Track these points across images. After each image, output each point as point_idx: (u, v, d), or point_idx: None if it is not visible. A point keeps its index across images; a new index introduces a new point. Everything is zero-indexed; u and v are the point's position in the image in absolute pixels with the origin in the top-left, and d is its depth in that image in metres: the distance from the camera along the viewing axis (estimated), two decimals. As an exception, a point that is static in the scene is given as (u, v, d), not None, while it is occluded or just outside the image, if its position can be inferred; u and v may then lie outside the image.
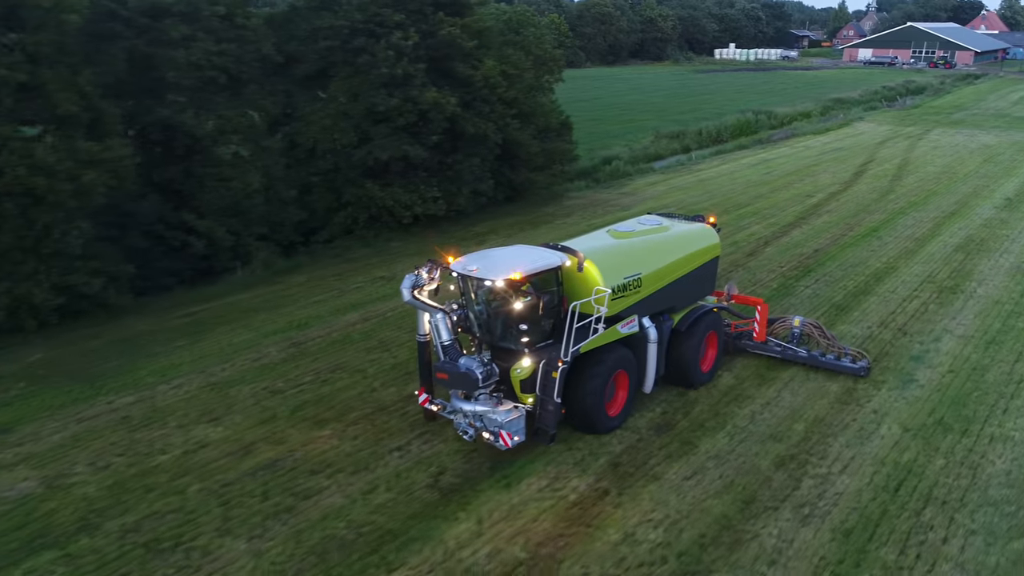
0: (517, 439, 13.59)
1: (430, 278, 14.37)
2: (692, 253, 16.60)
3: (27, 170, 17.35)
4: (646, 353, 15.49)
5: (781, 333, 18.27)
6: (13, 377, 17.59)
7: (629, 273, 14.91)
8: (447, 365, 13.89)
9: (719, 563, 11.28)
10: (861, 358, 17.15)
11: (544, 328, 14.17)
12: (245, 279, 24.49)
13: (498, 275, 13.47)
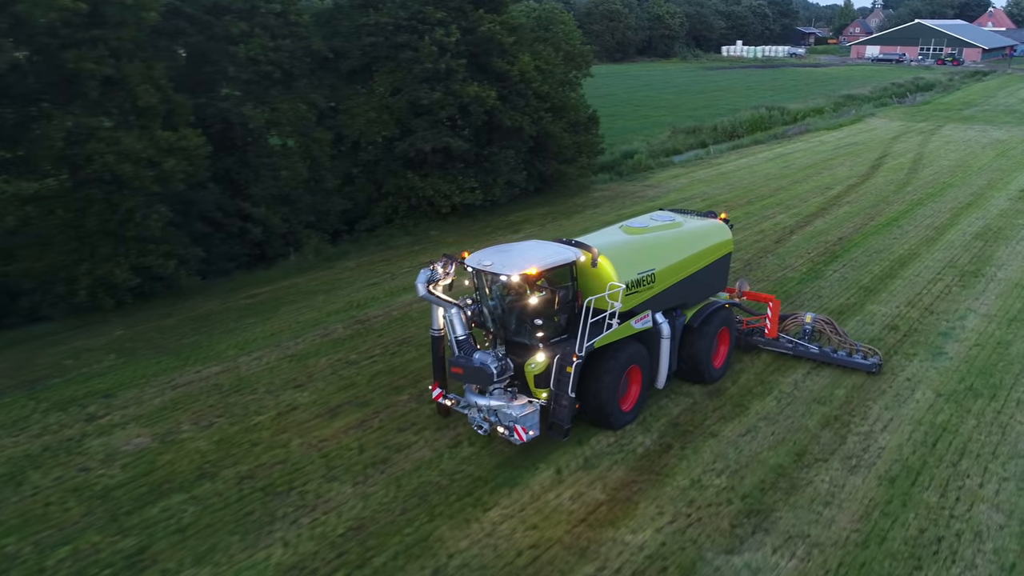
0: (532, 433, 13.63)
1: (445, 273, 14.50)
2: (705, 249, 16.74)
3: (115, 157, 18.76)
4: (659, 349, 15.63)
5: (793, 329, 18.60)
6: (102, 350, 19.05)
7: (643, 269, 15.01)
8: (462, 360, 13.93)
9: (779, 504, 12.71)
10: (873, 354, 17.39)
11: (559, 323, 14.33)
12: (298, 264, 25.93)
13: (513, 270, 13.56)
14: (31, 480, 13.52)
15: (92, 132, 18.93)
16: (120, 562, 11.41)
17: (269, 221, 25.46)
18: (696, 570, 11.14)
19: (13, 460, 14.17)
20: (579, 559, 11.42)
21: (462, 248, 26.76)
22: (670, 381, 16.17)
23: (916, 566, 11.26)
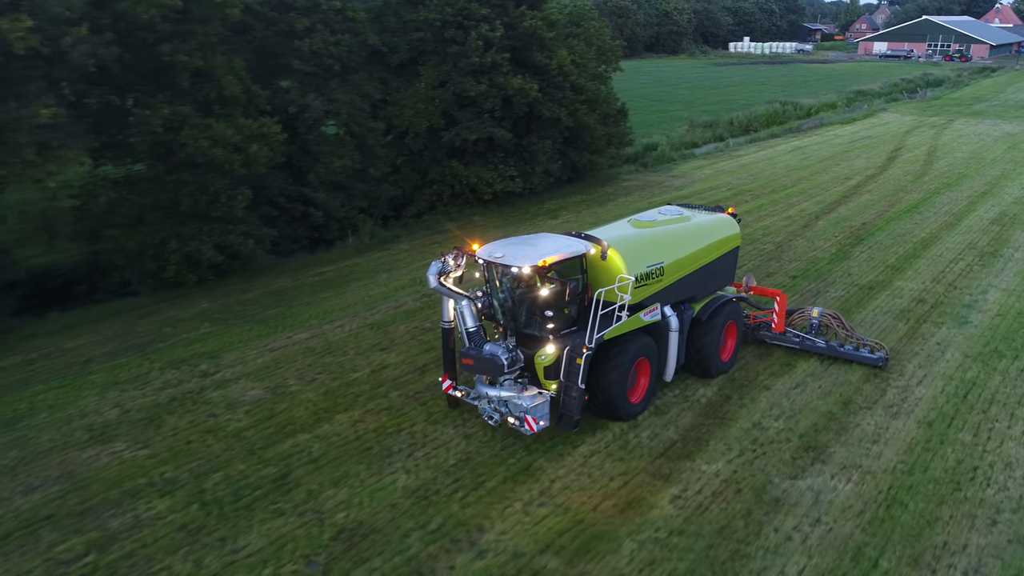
0: (542, 424, 13.99)
1: (456, 265, 14.74)
2: (713, 243, 17.02)
3: (208, 142, 20.69)
4: (667, 341, 15.89)
5: (800, 324, 18.92)
6: (195, 320, 20.99)
7: (652, 262, 15.30)
8: (472, 351, 14.28)
9: (832, 442, 14.66)
10: (879, 348, 17.69)
11: (569, 315, 14.60)
12: (356, 246, 27.86)
13: (524, 262, 13.76)
14: (168, 423, 15.47)
15: (185, 119, 20.81)
16: (268, 484, 13.35)
17: (329, 206, 27.39)
18: (766, 491, 13.08)
19: (146, 408, 16.11)
20: (664, 483, 13.36)
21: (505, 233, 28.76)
22: (678, 374, 16.51)
23: (956, 488, 13.20)
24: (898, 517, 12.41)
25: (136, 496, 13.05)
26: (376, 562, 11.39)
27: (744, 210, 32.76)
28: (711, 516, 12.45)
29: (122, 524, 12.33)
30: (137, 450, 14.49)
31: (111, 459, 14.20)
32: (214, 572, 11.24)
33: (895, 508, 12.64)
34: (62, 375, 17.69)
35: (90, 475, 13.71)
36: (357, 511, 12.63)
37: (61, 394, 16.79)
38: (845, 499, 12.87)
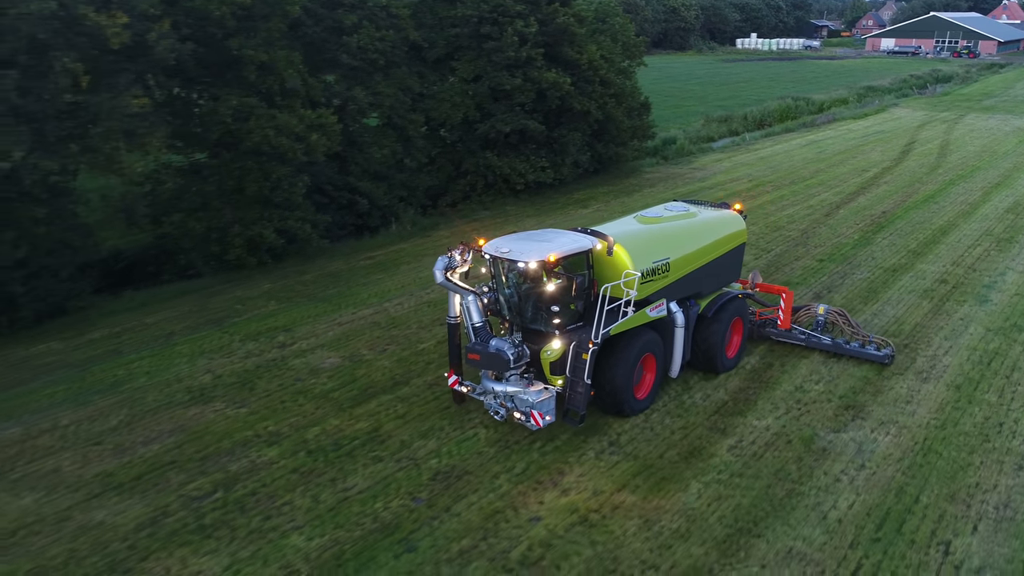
0: (548, 419, 14.12)
1: (462, 260, 14.87)
2: (719, 239, 17.18)
3: (274, 131, 22.26)
4: (673, 337, 16.11)
5: (805, 321, 19.16)
6: (261, 298, 22.58)
7: (658, 258, 15.43)
8: (478, 346, 14.47)
9: (869, 402, 16.22)
10: (885, 346, 17.91)
11: (575, 310, 14.72)
12: (399, 233, 29.45)
13: (531, 257, 13.91)
14: (259, 386, 17.06)
15: (251, 110, 22.39)
16: (363, 436, 14.94)
17: (374, 194, 28.97)
18: (814, 442, 14.65)
19: (236, 373, 17.70)
20: (720, 435, 14.94)
21: (538, 222, 30.34)
22: (683, 371, 16.69)
23: (985, 439, 14.78)
24: (934, 463, 13.99)
25: (247, 445, 14.64)
26: (473, 498, 12.96)
27: (767, 200, 34.37)
28: (766, 462, 14.03)
29: (240, 468, 13.91)
30: (237, 408, 16.09)
31: (215, 416, 15.79)
32: (331, 506, 12.82)
33: (931, 456, 14.21)
34: (150, 346, 19.27)
35: (200, 428, 15.29)
36: (447, 458, 14.21)
37: (153, 362, 18.37)
38: (885, 449, 14.45)
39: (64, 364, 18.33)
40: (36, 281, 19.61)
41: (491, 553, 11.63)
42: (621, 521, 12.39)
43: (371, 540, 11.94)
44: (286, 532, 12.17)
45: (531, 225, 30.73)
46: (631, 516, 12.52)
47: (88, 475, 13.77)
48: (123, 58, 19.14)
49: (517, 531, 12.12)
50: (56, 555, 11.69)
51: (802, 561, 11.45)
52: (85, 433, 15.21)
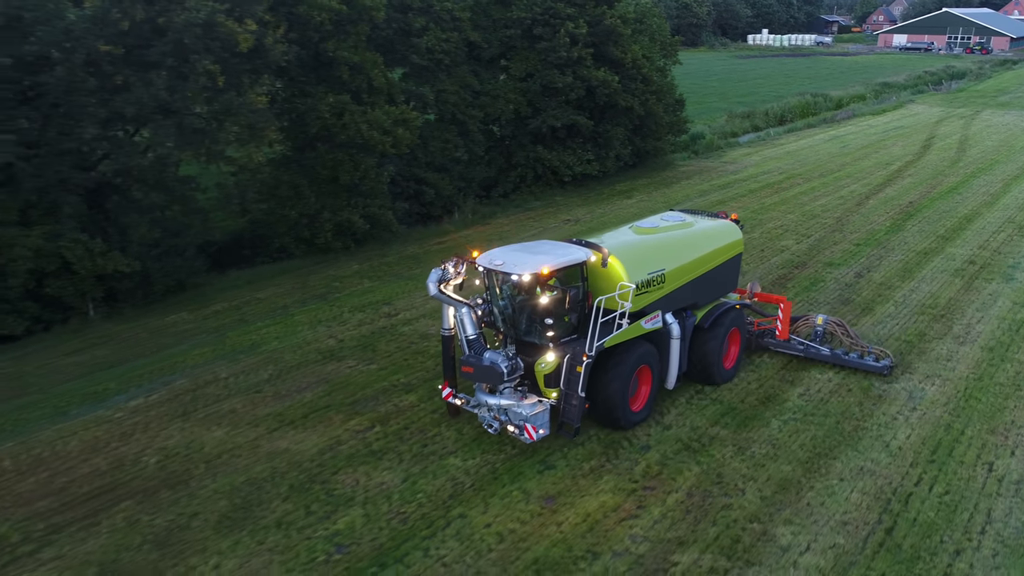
0: (542, 432, 14.32)
1: (456, 272, 15.07)
2: (715, 250, 17.36)
3: (367, 126, 25.11)
4: (669, 349, 16.21)
5: (804, 331, 19.44)
6: (354, 277, 25.44)
7: (653, 269, 15.60)
8: (472, 359, 14.67)
9: (915, 360, 19.03)
10: (884, 356, 18.19)
11: (569, 323, 14.95)
12: (462, 220, 32.31)
13: (524, 269, 14.11)
14: (380, 348, 19.91)
15: (344, 107, 25.23)
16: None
17: (439, 185, 31.81)
18: (871, 391, 17.49)
19: (355, 338, 20.56)
20: (790, 384, 17.77)
21: (587, 211, 33.19)
22: (679, 382, 16.84)
23: (1017, 388, 17.62)
24: (975, 406, 16.84)
25: (387, 392, 17.49)
26: (591, 431, 15.78)
27: (799, 191, 37.25)
28: (832, 405, 16.88)
29: (388, 410, 16.76)
30: (367, 365, 18.94)
31: (351, 371, 18.65)
32: (474, 437, 15.63)
33: (972, 400, 17.06)
34: (270, 317, 22.12)
35: (341, 380, 18.15)
36: (561, 403, 17.04)
37: (278, 330, 21.23)
38: (932, 395, 17.30)
39: (201, 331, 21.19)
40: (166, 260, 22.43)
41: (617, 470, 14.48)
42: (719, 448, 15.24)
43: (516, 461, 14.77)
44: (444, 455, 15.01)
45: (582, 214, 33.65)
46: (726, 444, 15.37)
47: (260, 415, 16.63)
48: (244, 60, 21.97)
49: (634, 455, 14.97)
50: (261, 471, 14.53)
51: (872, 476, 14.30)
52: (243, 384, 18.07)
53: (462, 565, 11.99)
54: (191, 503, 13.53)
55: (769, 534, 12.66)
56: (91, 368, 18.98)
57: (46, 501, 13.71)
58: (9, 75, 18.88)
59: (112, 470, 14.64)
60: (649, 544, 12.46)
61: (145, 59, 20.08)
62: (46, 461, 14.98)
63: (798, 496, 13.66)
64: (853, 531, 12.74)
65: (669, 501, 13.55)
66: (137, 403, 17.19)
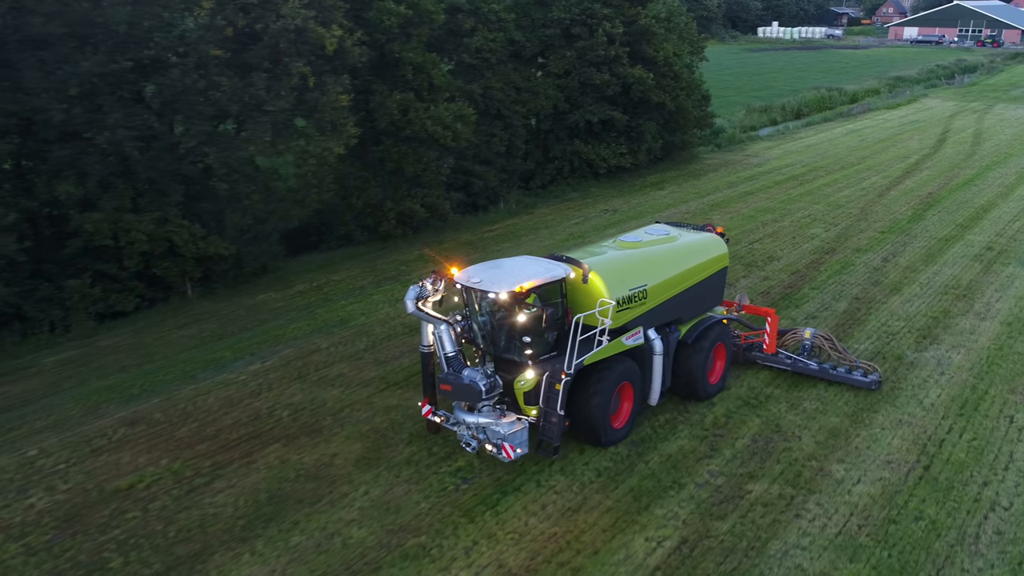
0: (520, 451, 14.48)
1: (434, 289, 15.26)
2: (699, 264, 17.40)
3: (431, 121, 27.67)
4: (652, 365, 16.27)
5: (792, 345, 19.59)
6: (416, 262, 28.01)
7: (634, 285, 15.62)
8: (451, 377, 14.68)
9: (941, 333, 21.60)
10: (872, 371, 18.38)
11: (547, 340, 14.99)
12: (507, 210, 34.89)
13: (501, 287, 14.21)
14: (459, 323, 22.45)
15: (410, 104, 27.79)
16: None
17: (486, 177, 34.38)
18: (903, 358, 20.07)
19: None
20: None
21: (623, 201, 35.75)
22: (664, 398, 17.01)
23: (1034, 357, 20.29)
24: (996, 371, 19.43)
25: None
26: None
27: (823, 183, 39.82)
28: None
29: (479, 373, 19.31)
30: (451, 337, 21.49)
31: (437, 342, 21.20)
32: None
33: (993, 366, 19.66)
34: (351, 296, 24.71)
35: (431, 350, 20.72)
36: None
37: (361, 307, 23.82)
38: (958, 362, 19.90)
39: (291, 308, 23.79)
40: (254, 244, 25.01)
41: (689, 422, 17.07)
42: (774, 404, 17.84)
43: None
44: (536, 410, 17.59)
45: (618, 204, 36.22)
46: (780, 401, 17.97)
47: (367, 378, 19.22)
48: (327, 62, 24.52)
49: (702, 409, 17.55)
50: (381, 422, 17.13)
51: (910, 426, 16.90)
52: (344, 352, 20.67)
53: (571, 492, 14.58)
54: (329, 446, 16.12)
55: (825, 470, 15.26)
56: (203, 339, 21.58)
57: (203, 445, 16.31)
58: (128, 77, 21.39)
59: (251, 421, 17.25)
60: (725, 477, 15.07)
61: (245, 62, 22.61)
62: (192, 414, 17.59)
63: (847, 441, 16.26)
64: (896, 468, 15.34)
65: (737, 445, 16.15)
66: (255, 368, 19.80)
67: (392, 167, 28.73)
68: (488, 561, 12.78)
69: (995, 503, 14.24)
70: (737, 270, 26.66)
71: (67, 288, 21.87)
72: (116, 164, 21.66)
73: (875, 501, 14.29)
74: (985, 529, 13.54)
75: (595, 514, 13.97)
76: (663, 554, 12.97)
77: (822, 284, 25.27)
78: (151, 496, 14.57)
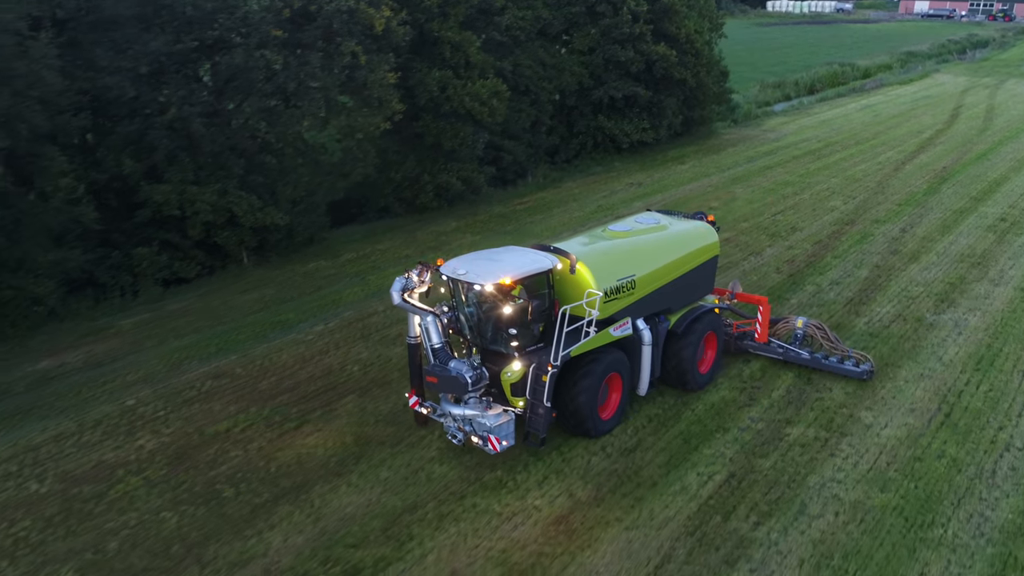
0: (506, 444, 14.55)
1: (420, 281, 15.24)
2: (689, 253, 17.37)
3: (469, 98, 29.19)
4: (640, 356, 16.32)
5: (784, 334, 19.53)
6: (454, 233, 29.64)
7: (623, 275, 15.65)
8: (437, 369, 14.73)
9: (958, 297, 23.24)
10: (864, 361, 18.42)
11: (534, 332, 15.03)
12: (535, 184, 36.47)
13: (487, 279, 14.27)
14: (504, 288, 24.13)
15: (448, 81, 29.29)
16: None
17: (515, 151, 35.92)
18: (923, 320, 21.75)
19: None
20: (856, 315, 22.03)
21: (646, 175, 37.27)
22: (653, 388, 17.15)
23: (1045, 318, 21.98)
24: (1010, 331, 21.12)
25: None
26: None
27: (839, 157, 41.35)
28: (893, 330, 21.16)
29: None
30: (498, 301, 23.17)
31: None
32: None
33: (1007, 327, 21.34)
34: (398, 264, 26.28)
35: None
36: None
37: (409, 274, 25.43)
38: (975, 323, 21.58)
39: (343, 275, 25.48)
40: (304, 216, 26.65)
41: (728, 376, 18.74)
42: (805, 360, 19.58)
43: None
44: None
45: (642, 178, 37.78)
46: (811, 358, 19.70)
47: (425, 338, 20.90)
48: (373, 41, 26.01)
49: (740, 366, 19.24)
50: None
51: (931, 379, 18.61)
52: (400, 315, 22.30)
53: (626, 436, 16.29)
54: (400, 397, 17.78)
55: (855, 416, 16.99)
56: (266, 304, 23.29)
57: (285, 396, 18.06)
58: (192, 56, 22.93)
59: (325, 375, 18.99)
60: (764, 423, 16.82)
61: (300, 41, 24.12)
62: (269, 369, 19.33)
63: (874, 392, 17.98)
64: (920, 415, 17.07)
65: (774, 395, 17.88)
66: (319, 329, 21.52)
67: (431, 142, 30.27)
68: (559, 492, 14.53)
69: (1009, 444, 15.97)
70: (762, 240, 28.33)
71: (135, 256, 23.53)
72: (182, 138, 23.21)
73: (901, 442, 16.02)
74: (1001, 466, 15.28)
75: (650, 453, 15.71)
76: (714, 486, 14.73)
77: (844, 253, 26.92)
78: (248, 439, 16.33)
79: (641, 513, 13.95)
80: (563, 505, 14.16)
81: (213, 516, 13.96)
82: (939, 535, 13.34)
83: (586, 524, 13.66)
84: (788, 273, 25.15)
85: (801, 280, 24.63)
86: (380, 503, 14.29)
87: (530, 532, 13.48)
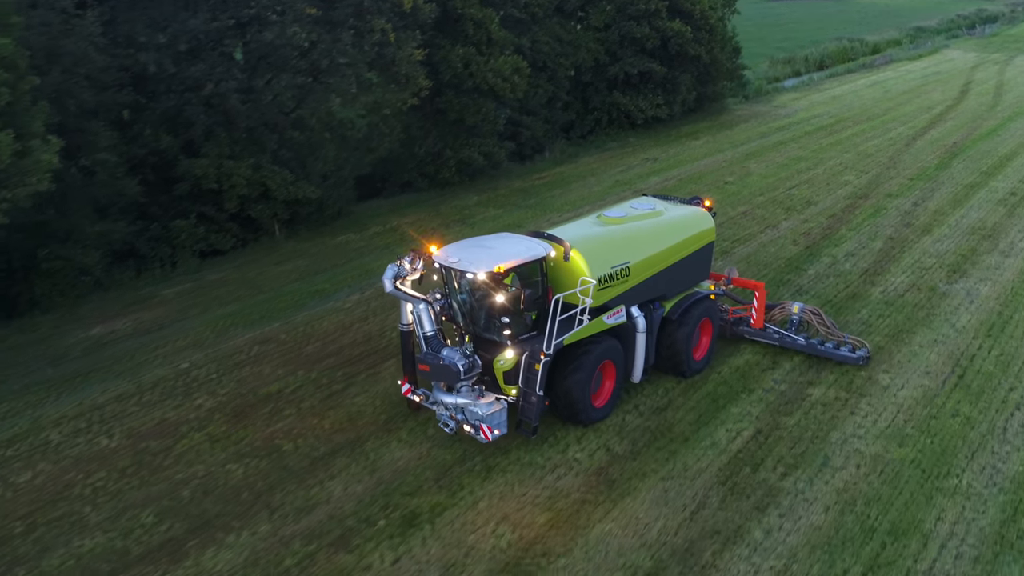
0: (498, 432, 14.60)
1: (412, 268, 15.26)
2: (684, 240, 17.25)
3: (492, 74, 30.01)
4: (634, 343, 16.25)
5: (780, 319, 19.52)
6: (477, 207, 30.61)
7: (617, 262, 15.56)
8: (429, 357, 14.76)
9: (969, 268, 24.14)
10: (861, 347, 18.39)
11: (526, 320, 15.03)
12: (553, 159, 37.34)
13: (480, 267, 14.24)
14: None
15: (471, 58, 30.09)
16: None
17: (533, 127, 36.77)
18: (936, 289, 22.73)
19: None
20: (871, 285, 23.01)
21: (662, 151, 38.09)
22: (647, 375, 17.10)
23: (1053, 288, 22.97)
24: (1019, 300, 22.09)
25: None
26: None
27: (851, 133, 42.15)
28: (907, 299, 22.15)
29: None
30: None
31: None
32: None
33: (1017, 296, 22.32)
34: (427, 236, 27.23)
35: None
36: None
37: (436, 246, 26.40)
38: (985, 293, 22.57)
39: (373, 247, 26.46)
40: (333, 190, 27.59)
41: (751, 341, 19.81)
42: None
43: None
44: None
45: (657, 154, 38.64)
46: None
47: (458, 306, 21.90)
48: (401, 19, 26.82)
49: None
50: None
51: (944, 344, 19.63)
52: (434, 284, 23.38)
53: (657, 396, 17.33)
54: (440, 361, 18.86)
55: (873, 378, 18.03)
56: (301, 274, 24.30)
57: (330, 360, 19.11)
58: (229, 34, 23.77)
59: (366, 341, 20.04)
60: (787, 384, 17.86)
61: (332, 19, 24.94)
62: (312, 335, 20.38)
63: (890, 356, 19.01)
64: (934, 377, 18.10)
65: (795, 359, 18.90)
66: (356, 298, 22.55)
67: (453, 117, 31.14)
68: (597, 447, 15.60)
69: (1020, 404, 17.00)
70: (778, 213, 29.27)
71: (174, 228, 24.52)
72: (218, 114, 24.10)
73: (917, 402, 17.07)
74: (1012, 423, 16.33)
75: (680, 412, 16.77)
76: (742, 441, 15.79)
77: (858, 226, 27.87)
78: (299, 399, 17.39)
79: (675, 465, 15.02)
80: (602, 458, 15.22)
81: (276, 468, 15.04)
82: (954, 484, 14.41)
83: (624, 475, 14.73)
84: (804, 245, 26.12)
85: (818, 252, 25.59)
86: (430, 456, 15.35)
87: (572, 482, 14.55)
